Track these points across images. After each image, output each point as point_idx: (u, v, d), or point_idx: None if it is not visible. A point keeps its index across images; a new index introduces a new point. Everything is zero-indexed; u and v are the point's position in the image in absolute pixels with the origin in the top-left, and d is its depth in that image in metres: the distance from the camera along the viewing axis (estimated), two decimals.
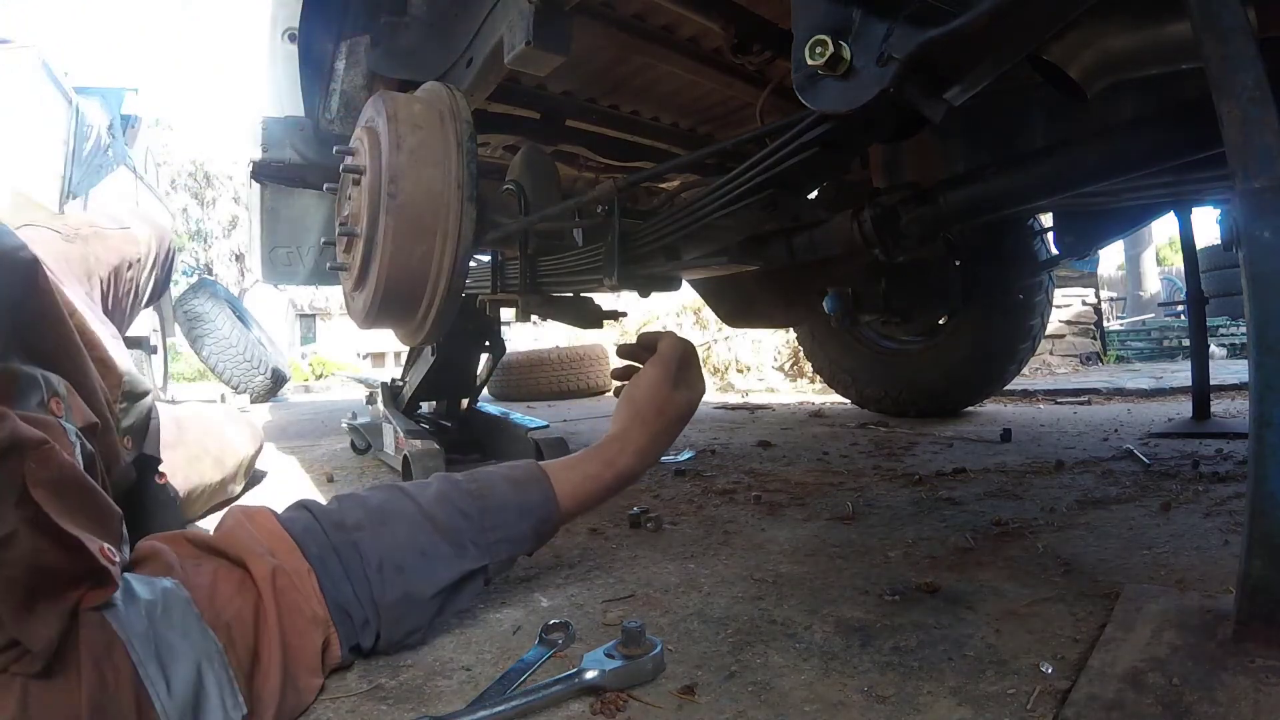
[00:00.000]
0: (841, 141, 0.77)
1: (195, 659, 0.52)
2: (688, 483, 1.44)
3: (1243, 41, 0.51)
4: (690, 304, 5.55)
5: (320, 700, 0.61)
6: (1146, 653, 0.55)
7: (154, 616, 0.52)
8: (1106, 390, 3.04)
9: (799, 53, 0.62)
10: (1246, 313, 0.51)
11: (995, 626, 0.68)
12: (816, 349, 2.65)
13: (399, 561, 0.67)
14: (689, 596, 0.81)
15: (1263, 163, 0.49)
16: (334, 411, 3.28)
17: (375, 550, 0.67)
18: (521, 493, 0.77)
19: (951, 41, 0.55)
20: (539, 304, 1.54)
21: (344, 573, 0.65)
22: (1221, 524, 0.96)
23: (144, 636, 0.50)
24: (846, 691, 0.58)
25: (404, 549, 0.68)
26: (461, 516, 0.72)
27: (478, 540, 0.72)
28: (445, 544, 0.70)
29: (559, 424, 2.56)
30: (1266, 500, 0.49)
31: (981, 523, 1.04)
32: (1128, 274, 10.39)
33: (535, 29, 0.96)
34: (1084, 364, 4.92)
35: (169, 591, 0.54)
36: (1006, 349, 2.25)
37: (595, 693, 0.59)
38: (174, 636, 0.52)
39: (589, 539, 1.06)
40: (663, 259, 1.16)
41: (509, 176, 1.41)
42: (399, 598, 0.66)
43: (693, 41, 1.41)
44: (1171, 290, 8.68)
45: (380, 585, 0.66)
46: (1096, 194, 1.28)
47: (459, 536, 0.71)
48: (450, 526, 0.71)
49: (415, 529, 0.70)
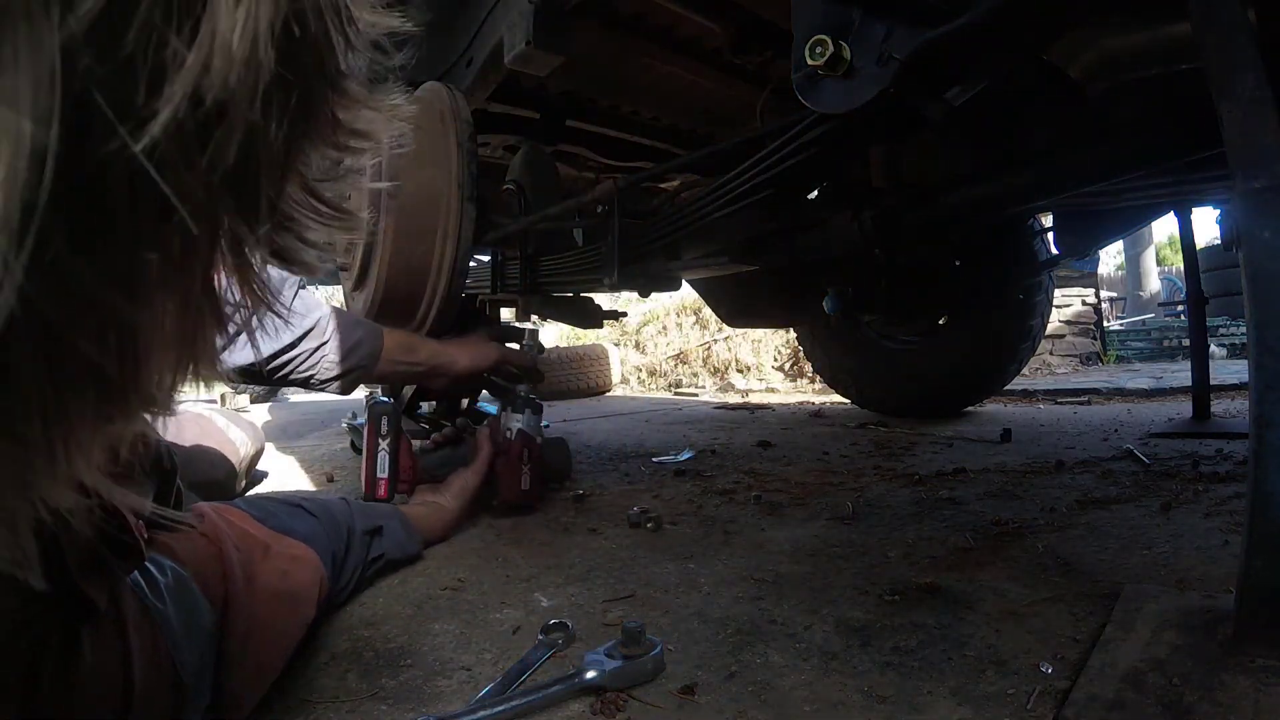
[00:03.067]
0: (841, 142, 0.77)
1: (202, 636, 0.53)
2: (688, 483, 1.44)
3: (1243, 41, 0.51)
4: (690, 304, 5.55)
5: (320, 700, 0.61)
6: (1146, 653, 0.55)
7: (171, 593, 0.53)
8: (1106, 390, 3.04)
9: (799, 53, 0.62)
10: (1246, 313, 0.51)
11: (995, 626, 0.68)
12: (816, 349, 2.65)
13: (336, 510, 0.83)
14: (689, 596, 0.81)
15: (1263, 163, 0.50)
16: (334, 411, 3.28)
17: (314, 506, 0.81)
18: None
19: (951, 42, 0.55)
20: (539, 304, 1.54)
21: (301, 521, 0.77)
22: (1221, 524, 0.96)
23: (164, 612, 0.52)
24: (846, 691, 0.58)
25: (333, 510, 0.84)
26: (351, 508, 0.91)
27: (368, 514, 0.91)
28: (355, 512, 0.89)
29: (559, 424, 2.56)
30: (1266, 500, 0.49)
31: (981, 523, 1.04)
32: (1128, 274, 10.39)
33: (535, 29, 0.97)
34: (1084, 364, 4.92)
35: (175, 570, 0.56)
36: (1007, 349, 2.25)
37: (595, 693, 0.59)
38: (184, 614, 0.53)
39: (588, 539, 1.06)
40: (663, 259, 1.17)
41: (509, 176, 1.42)
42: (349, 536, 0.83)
43: (693, 41, 1.41)
44: (1171, 290, 8.68)
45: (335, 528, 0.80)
46: (1096, 194, 1.28)
47: (357, 510, 0.90)
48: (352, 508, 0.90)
49: (331, 503, 0.86)
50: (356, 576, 0.84)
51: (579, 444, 2.03)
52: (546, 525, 1.15)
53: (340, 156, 0.25)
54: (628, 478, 1.53)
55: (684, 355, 5.40)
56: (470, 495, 1.14)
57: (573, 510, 1.24)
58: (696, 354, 5.35)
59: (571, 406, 3.46)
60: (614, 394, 4.38)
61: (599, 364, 4.35)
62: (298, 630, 0.66)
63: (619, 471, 1.61)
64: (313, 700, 0.61)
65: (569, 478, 1.48)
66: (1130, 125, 0.90)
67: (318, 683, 0.64)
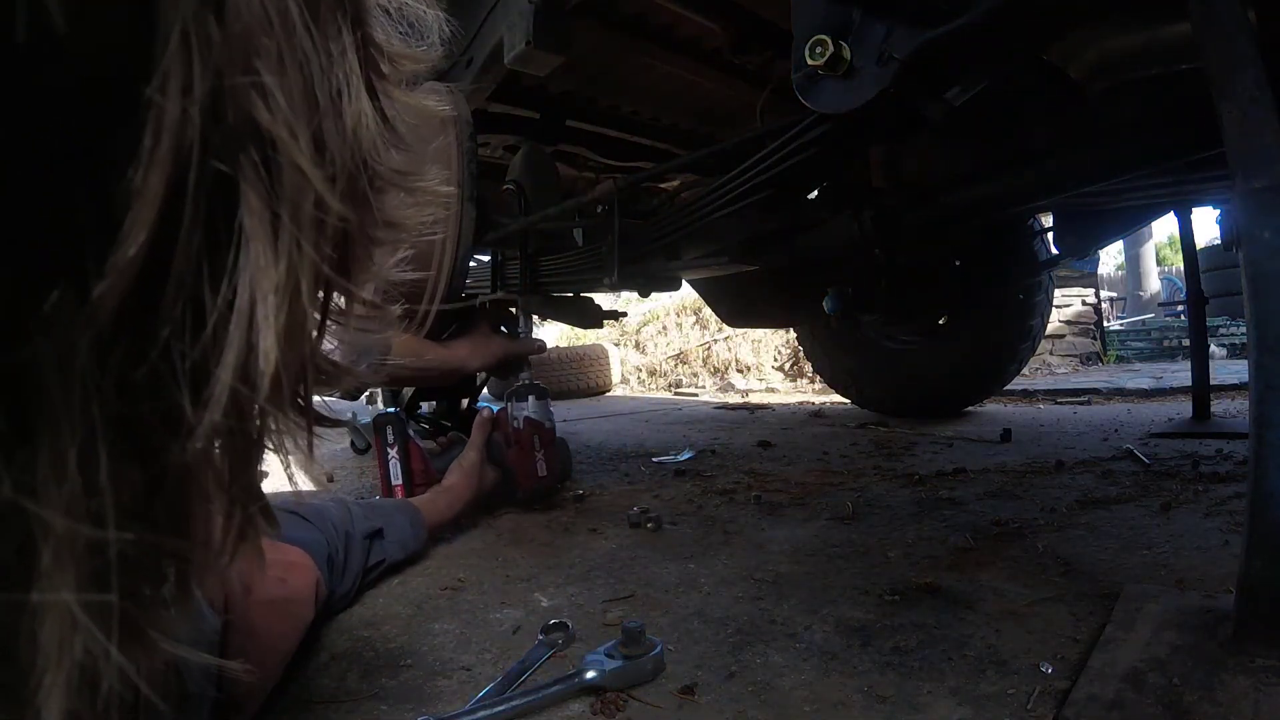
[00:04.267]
0: (841, 142, 0.77)
1: (205, 644, 0.53)
2: (688, 483, 1.44)
3: (1243, 41, 0.51)
4: (690, 304, 5.55)
5: (320, 700, 0.61)
6: (1146, 653, 0.55)
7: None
8: (1106, 390, 3.04)
9: (799, 53, 0.62)
10: (1246, 313, 0.51)
11: (995, 626, 0.68)
12: (816, 349, 2.65)
13: (333, 517, 0.84)
14: (689, 596, 0.81)
15: (1263, 163, 0.50)
16: (334, 411, 3.28)
17: (308, 511, 0.82)
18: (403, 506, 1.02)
19: (951, 42, 0.55)
20: (539, 304, 1.54)
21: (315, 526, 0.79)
22: (1221, 524, 0.96)
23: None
24: (846, 691, 0.58)
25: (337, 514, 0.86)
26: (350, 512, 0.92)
27: (370, 515, 0.92)
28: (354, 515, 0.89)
29: (559, 424, 2.56)
30: (1266, 500, 0.49)
31: (981, 523, 1.04)
32: (1128, 274, 10.38)
33: (535, 29, 0.97)
34: (1084, 364, 4.92)
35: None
36: (1007, 349, 2.25)
37: (595, 693, 0.59)
38: (188, 621, 0.53)
39: (589, 539, 1.06)
40: (663, 259, 1.17)
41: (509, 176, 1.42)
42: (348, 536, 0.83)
43: (693, 41, 1.41)
44: (1171, 290, 8.67)
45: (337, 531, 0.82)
46: (1096, 194, 1.28)
47: (356, 513, 0.91)
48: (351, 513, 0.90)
49: (326, 508, 0.88)
50: (357, 585, 0.84)
51: (579, 444, 2.02)
52: (546, 525, 1.15)
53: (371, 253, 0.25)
54: (628, 478, 1.53)
55: (684, 355, 5.40)
56: (471, 470, 1.14)
57: (573, 510, 1.24)
58: (696, 354, 5.35)
59: (571, 406, 3.46)
60: (614, 394, 4.38)
61: (599, 364, 4.35)
62: (295, 636, 0.66)
63: (619, 471, 1.61)
64: (313, 700, 0.61)
65: (569, 478, 1.48)
66: (1130, 125, 0.90)
67: (318, 683, 0.64)
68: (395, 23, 0.23)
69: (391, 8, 0.23)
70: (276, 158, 0.17)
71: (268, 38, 0.16)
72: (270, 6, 0.16)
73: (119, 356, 0.16)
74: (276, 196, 0.17)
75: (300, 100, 0.17)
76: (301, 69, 0.17)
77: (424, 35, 0.25)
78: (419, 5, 0.24)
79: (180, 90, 0.15)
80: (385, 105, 0.22)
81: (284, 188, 0.17)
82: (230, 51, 0.15)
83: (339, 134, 0.19)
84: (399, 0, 0.23)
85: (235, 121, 0.16)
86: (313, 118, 0.18)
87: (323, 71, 0.18)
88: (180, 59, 0.15)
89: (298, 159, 0.17)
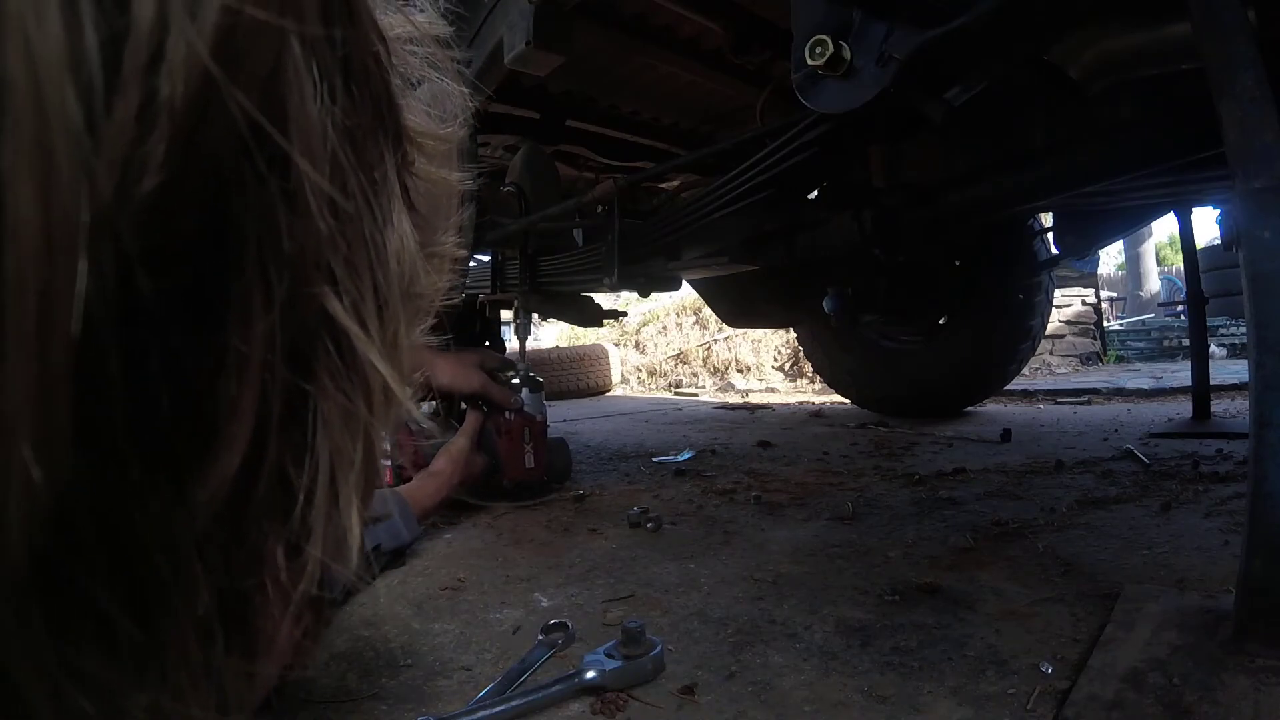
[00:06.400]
0: (841, 142, 0.77)
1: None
2: (688, 483, 1.44)
3: (1243, 41, 0.51)
4: (690, 304, 5.56)
5: (320, 700, 0.61)
6: (1146, 653, 0.55)
7: None
8: (1106, 390, 3.04)
9: (799, 53, 0.62)
10: (1246, 313, 0.51)
11: (995, 626, 0.68)
12: (816, 349, 2.65)
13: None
14: (689, 596, 0.81)
15: (1263, 163, 0.50)
16: None
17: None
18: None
19: (951, 42, 0.55)
20: (539, 304, 1.54)
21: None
22: (1221, 524, 0.96)
23: None
24: (846, 691, 0.58)
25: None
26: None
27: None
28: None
29: (559, 424, 2.56)
30: (1266, 500, 0.49)
31: (981, 523, 1.04)
32: (1128, 274, 10.38)
33: (535, 29, 0.97)
34: (1084, 364, 4.92)
35: None
36: (1007, 349, 2.25)
37: (595, 693, 0.59)
38: None
39: (588, 539, 1.06)
40: (663, 259, 1.17)
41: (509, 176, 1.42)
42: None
43: (693, 41, 1.41)
44: (1171, 290, 8.67)
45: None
46: (1096, 194, 1.28)
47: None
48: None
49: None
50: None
51: (579, 444, 2.02)
52: (546, 525, 1.15)
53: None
54: (628, 478, 1.53)
55: (684, 355, 5.40)
56: (459, 456, 1.15)
57: (573, 510, 1.24)
58: (696, 354, 5.35)
59: (571, 406, 3.46)
60: (614, 394, 4.38)
61: (599, 364, 4.35)
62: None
63: (619, 471, 1.61)
64: (313, 700, 0.61)
65: (569, 478, 1.48)
66: (1130, 125, 0.90)
67: (318, 683, 0.64)
68: (418, 96, 0.22)
69: (414, 78, 0.22)
70: (350, 349, 0.17)
71: (337, 234, 0.16)
72: (335, 187, 0.15)
73: (217, 548, 0.16)
74: (350, 386, 0.17)
75: (365, 274, 0.17)
76: (368, 246, 0.17)
77: (447, 109, 0.24)
78: (444, 79, 0.23)
79: (263, 307, 0.14)
80: (410, 186, 0.21)
81: (357, 380, 0.17)
82: (304, 255, 0.15)
83: (389, 283, 0.18)
84: (424, 71, 0.22)
85: (309, 319, 0.16)
86: (373, 278, 0.17)
87: (375, 222, 0.17)
88: (258, 274, 0.14)
89: (370, 354, 0.17)
